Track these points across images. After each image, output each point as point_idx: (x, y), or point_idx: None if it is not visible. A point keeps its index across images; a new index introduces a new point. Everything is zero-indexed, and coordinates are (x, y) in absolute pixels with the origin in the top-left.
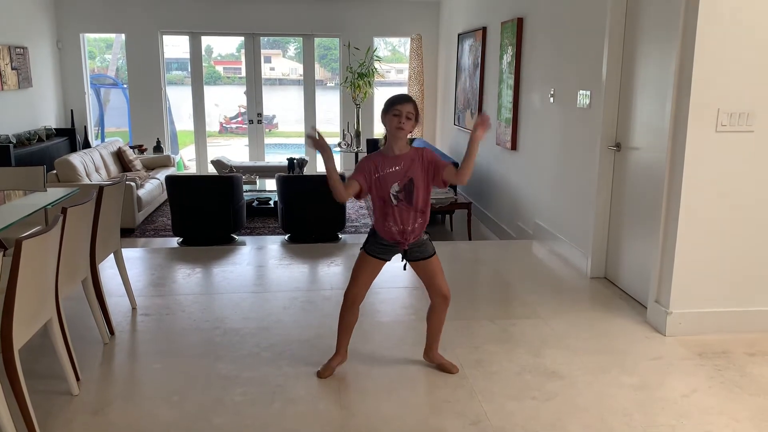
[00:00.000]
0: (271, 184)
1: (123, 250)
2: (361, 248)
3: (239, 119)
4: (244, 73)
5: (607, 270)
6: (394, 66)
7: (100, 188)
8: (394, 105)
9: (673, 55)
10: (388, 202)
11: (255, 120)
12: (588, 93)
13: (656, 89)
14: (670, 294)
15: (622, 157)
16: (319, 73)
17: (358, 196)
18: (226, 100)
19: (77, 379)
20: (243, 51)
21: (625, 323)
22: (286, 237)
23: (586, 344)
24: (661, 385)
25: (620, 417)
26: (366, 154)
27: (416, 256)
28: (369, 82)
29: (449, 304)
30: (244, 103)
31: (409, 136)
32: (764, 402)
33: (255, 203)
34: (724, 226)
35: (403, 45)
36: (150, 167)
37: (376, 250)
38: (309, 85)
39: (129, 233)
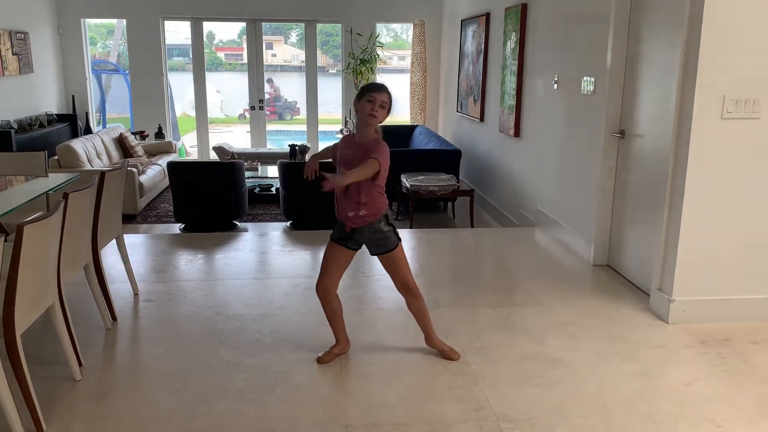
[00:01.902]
0: (272, 171)
1: (125, 236)
2: None
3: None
4: (245, 60)
5: (610, 257)
6: (396, 52)
7: (102, 174)
8: (369, 92)
9: (678, 40)
10: None
11: (256, 106)
12: (592, 79)
13: (661, 76)
14: (673, 282)
15: (626, 144)
16: (321, 59)
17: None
18: (227, 87)
19: (80, 364)
20: (245, 37)
21: (628, 311)
22: (288, 224)
23: (588, 332)
24: (663, 372)
25: (622, 405)
26: None
27: (376, 251)
28: (371, 68)
29: (420, 296)
30: (271, 90)
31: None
32: (767, 390)
33: (257, 190)
34: (728, 213)
35: (405, 31)
36: (152, 153)
37: (335, 233)
38: (311, 71)
39: (131, 219)
